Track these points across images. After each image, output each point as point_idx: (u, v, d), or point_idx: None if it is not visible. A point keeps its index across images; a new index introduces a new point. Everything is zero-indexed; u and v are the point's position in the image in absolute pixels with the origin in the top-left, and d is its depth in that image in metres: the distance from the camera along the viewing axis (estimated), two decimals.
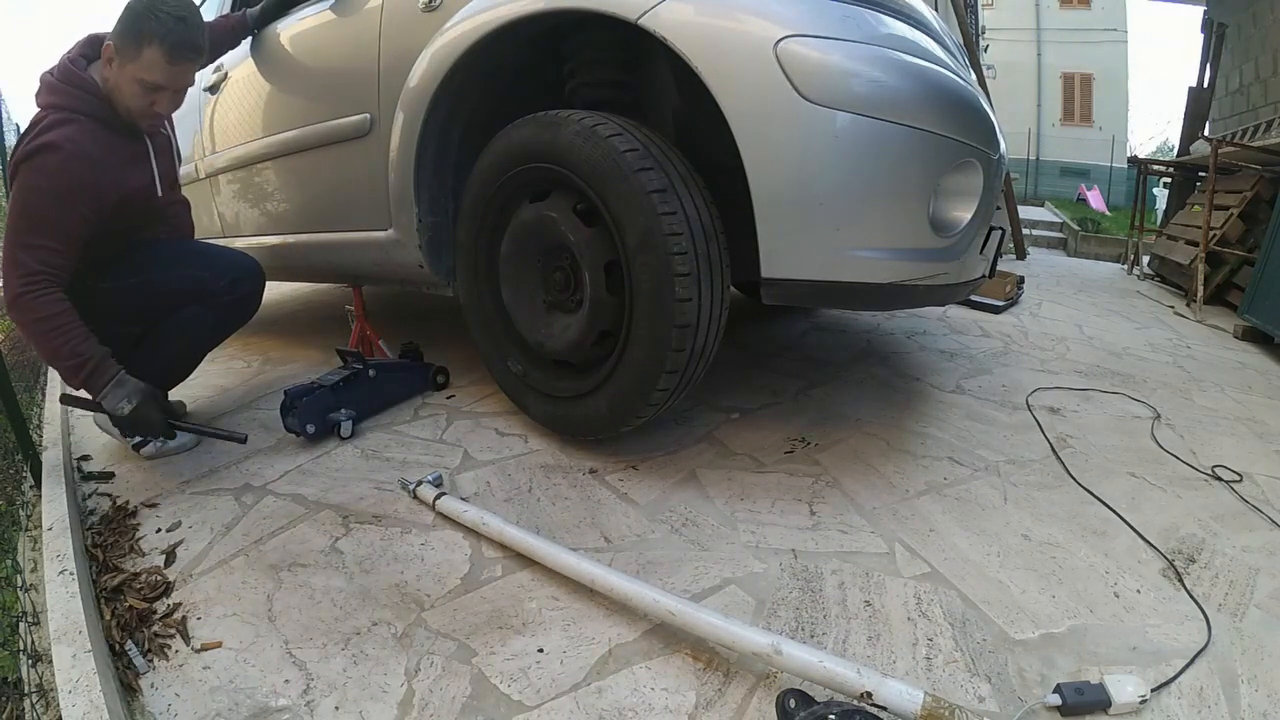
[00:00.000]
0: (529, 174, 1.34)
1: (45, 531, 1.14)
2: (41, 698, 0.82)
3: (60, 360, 1.27)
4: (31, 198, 1.23)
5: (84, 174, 1.26)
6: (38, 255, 1.23)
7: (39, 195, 1.23)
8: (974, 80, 1.39)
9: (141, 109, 1.33)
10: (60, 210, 1.24)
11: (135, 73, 1.28)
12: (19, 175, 1.24)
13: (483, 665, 0.88)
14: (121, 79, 1.29)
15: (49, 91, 1.30)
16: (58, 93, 1.29)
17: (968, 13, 5.33)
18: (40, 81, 1.32)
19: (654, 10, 1.13)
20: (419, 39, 1.44)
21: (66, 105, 1.28)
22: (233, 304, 1.53)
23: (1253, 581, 1.07)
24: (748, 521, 1.19)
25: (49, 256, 1.24)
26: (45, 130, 1.24)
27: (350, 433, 1.53)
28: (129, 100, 1.31)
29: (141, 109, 1.33)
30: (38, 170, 1.23)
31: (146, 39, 1.26)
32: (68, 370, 1.28)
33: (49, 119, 1.26)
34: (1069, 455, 1.48)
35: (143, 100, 1.31)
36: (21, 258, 1.22)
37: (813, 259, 1.14)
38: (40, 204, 1.23)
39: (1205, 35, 5.69)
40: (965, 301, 2.93)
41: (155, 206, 1.46)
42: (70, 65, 1.31)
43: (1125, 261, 5.17)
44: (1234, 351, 2.58)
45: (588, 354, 1.35)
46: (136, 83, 1.29)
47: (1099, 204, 13.02)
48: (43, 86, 1.31)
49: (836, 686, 0.76)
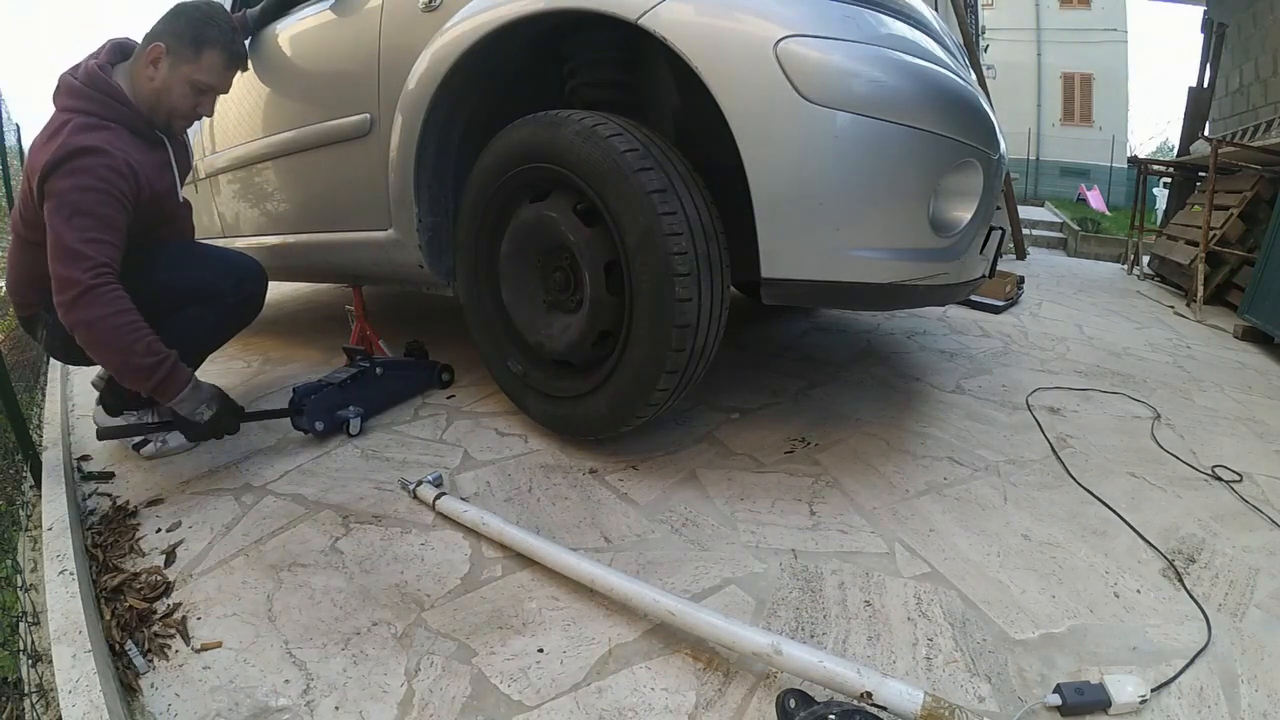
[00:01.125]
0: (529, 174, 1.34)
1: (45, 531, 1.14)
2: (41, 698, 0.82)
3: (134, 358, 1.20)
4: (86, 197, 1.19)
5: (128, 175, 1.26)
6: (102, 250, 1.19)
7: (92, 194, 1.20)
8: (974, 80, 1.39)
9: (186, 109, 1.38)
10: (113, 209, 1.23)
11: (191, 74, 1.34)
12: (59, 177, 1.19)
13: (483, 665, 0.88)
14: (173, 79, 1.33)
15: (73, 95, 1.28)
16: (84, 98, 1.27)
17: (968, 13, 5.33)
18: (60, 83, 1.30)
19: (654, 10, 1.13)
20: (419, 39, 1.44)
21: (95, 111, 1.27)
22: (237, 305, 1.53)
23: (1253, 581, 1.07)
24: (748, 521, 1.19)
25: (110, 252, 1.21)
26: (77, 133, 1.22)
27: (359, 430, 1.53)
28: (177, 100, 1.35)
29: (186, 109, 1.38)
30: (84, 171, 1.20)
31: (209, 43, 1.34)
32: (142, 371, 1.21)
33: (76, 122, 1.24)
34: (1069, 455, 1.48)
35: (190, 100, 1.37)
36: (86, 251, 1.17)
37: (813, 259, 1.13)
38: (95, 201, 1.20)
39: (1205, 35, 5.69)
40: (965, 301, 2.93)
41: (171, 209, 1.47)
42: (98, 71, 1.29)
43: (1125, 261, 5.17)
44: (1234, 351, 2.58)
45: (588, 354, 1.35)
46: (189, 83, 1.34)
47: (1099, 204, 13.02)
48: (64, 89, 1.29)
49: (836, 686, 0.76)
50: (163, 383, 1.23)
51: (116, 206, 1.24)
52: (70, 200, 1.19)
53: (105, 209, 1.22)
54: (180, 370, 1.26)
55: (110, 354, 1.21)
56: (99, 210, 1.21)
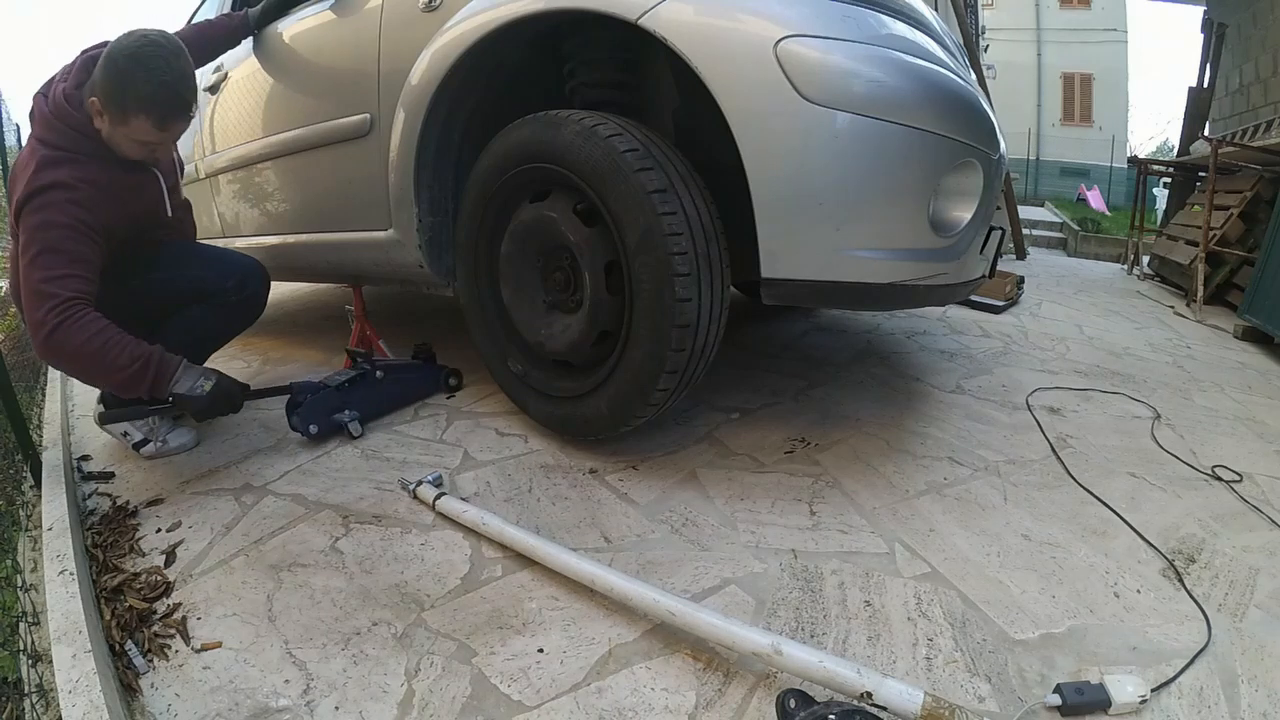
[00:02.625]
0: (529, 174, 1.34)
1: (45, 531, 1.14)
2: (41, 698, 0.82)
3: (119, 371, 1.20)
4: (50, 233, 1.20)
5: (96, 207, 1.24)
6: (67, 285, 1.19)
7: (56, 230, 1.20)
8: (974, 80, 1.39)
9: (143, 158, 1.33)
10: (79, 243, 1.22)
11: (128, 134, 1.26)
12: (27, 214, 1.20)
13: (483, 665, 0.88)
14: (115, 136, 1.26)
15: (43, 125, 1.26)
16: (52, 130, 1.25)
17: (968, 13, 5.33)
18: (34, 106, 1.28)
19: (654, 10, 1.13)
20: (419, 39, 1.44)
21: (62, 145, 1.25)
22: (239, 305, 1.53)
23: (1253, 581, 1.07)
24: (748, 521, 1.19)
25: (78, 284, 1.20)
26: (46, 168, 1.22)
27: (360, 432, 1.53)
28: (127, 152, 1.29)
29: (143, 158, 1.33)
30: (49, 206, 1.20)
31: (132, 109, 1.22)
32: (130, 378, 1.21)
33: (45, 156, 1.23)
34: (1069, 455, 1.48)
35: (141, 152, 1.31)
36: (50, 290, 1.17)
37: (813, 259, 1.14)
38: (59, 238, 1.20)
39: (1205, 35, 5.69)
40: (965, 301, 2.92)
41: (162, 223, 1.46)
42: (64, 102, 1.25)
43: (1125, 261, 5.16)
44: (1234, 351, 2.58)
45: (588, 354, 1.35)
46: (131, 141, 1.27)
47: (1099, 204, 13.01)
48: (36, 117, 1.27)
49: (836, 686, 0.76)
50: (155, 377, 1.24)
51: (82, 239, 1.22)
52: (35, 240, 1.19)
53: (69, 243, 1.21)
54: (168, 358, 1.26)
55: (97, 378, 1.24)
56: (62, 246, 1.20)
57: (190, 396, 1.26)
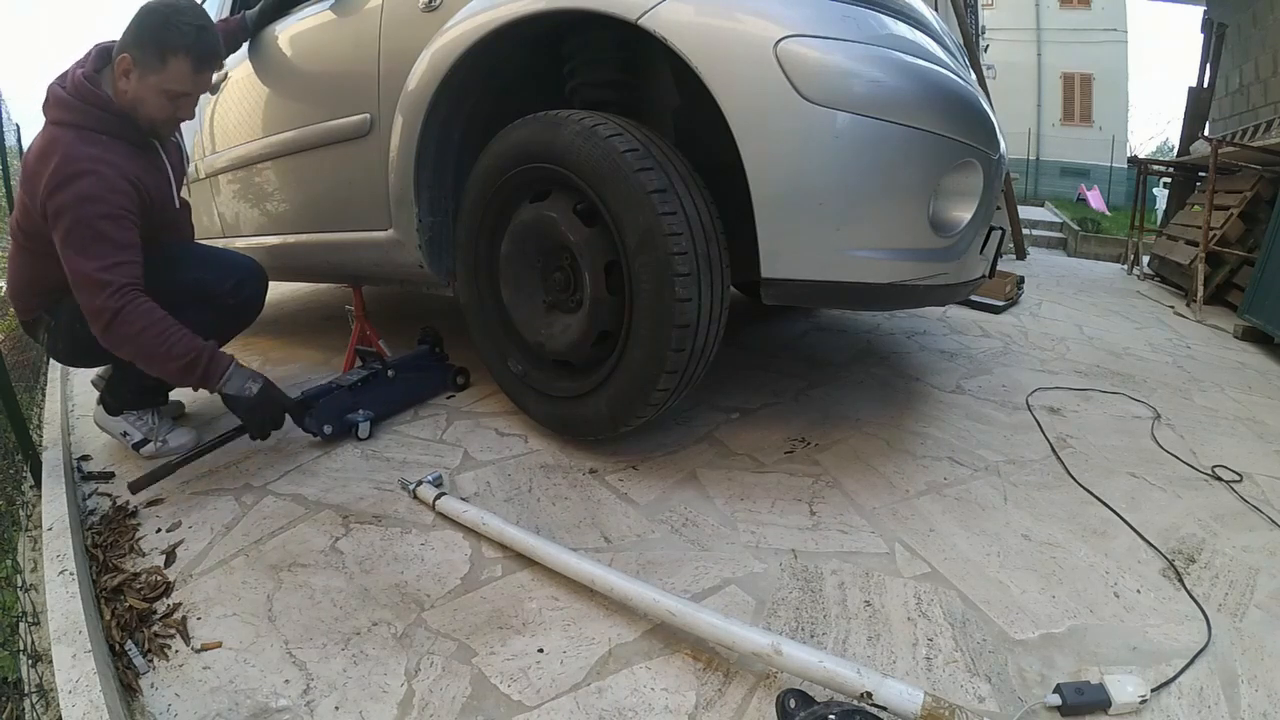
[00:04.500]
0: (529, 174, 1.34)
1: (45, 531, 1.14)
2: (41, 698, 0.82)
3: (174, 360, 1.24)
4: (94, 226, 1.21)
5: (128, 190, 1.26)
6: (121, 271, 1.22)
7: (100, 222, 1.21)
8: (974, 80, 1.39)
9: (166, 116, 1.34)
10: (119, 227, 1.24)
11: (160, 83, 1.28)
12: (61, 202, 1.20)
13: (483, 665, 0.88)
14: (144, 90, 1.28)
15: (62, 107, 1.26)
16: (73, 110, 1.26)
17: (968, 13, 5.33)
18: (49, 93, 1.28)
19: (654, 10, 1.13)
20: (419, 39, 1.44)
21: (85, 124, 1.26)
22: (236, 306, 1.53)
23: (1253, 581, 1.07)
24: (748, 521, 1.19)
25: (130, 269, 1.23)
26: (71, 152, 1.22)
27: (369, 434, 1.53)
28: (153, 110, 1.31)
29: (166, 116, 1.34)
30: (87, 198, 1.21)
31: (171, 51, 1.26)
32: (184, 368, 1.25)
33: (68, 138, 1.23)
34: (1069, 455, 1.48)
35: (168, 109, 1.32)
36: (106, 278, 1.20)
37: (813, 259, 1.14)
38: (100, 226, 1.21)
39: (1205, 35, 5.69)
40: (965, 301, 2.92)
41: (170, 214, 1.46)
42: (85, 81, 1.27)
43: (1125, 261, 5.17)
44: (1234, 351, 2.58)
45: (588, 354, 1.35)
46: (161, 93, 1.29)
47: (1099, 204, 13.01)
48: (52, 100, 1.27)
49: (836, 686, 0.76)
50: (207, 371, 1.27)
51: (125, 224, 1.25)
52: (78, 232, 1.21)
53: (115, 231, 1.23)
54: (220, 355, 1.30)
55: (154, 364, 1.26)
56: (110, 234, 1.22)
57: (238, 396, 1.30)
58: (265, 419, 1.36)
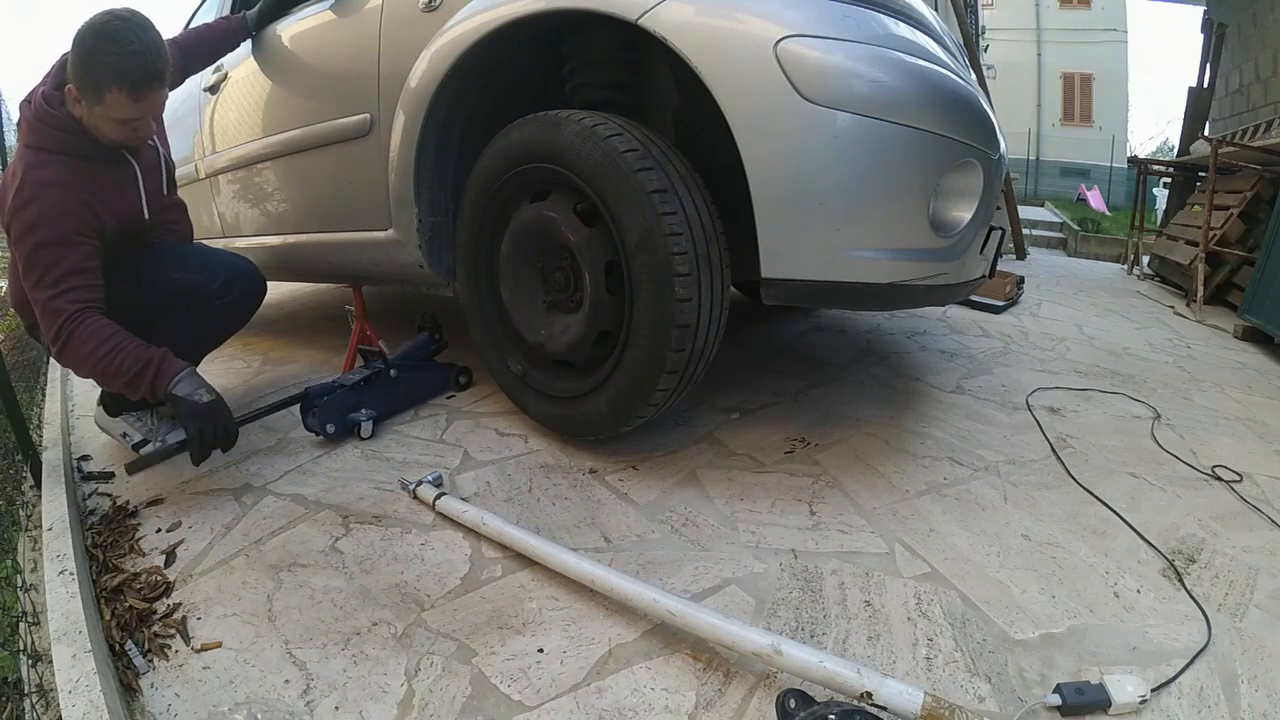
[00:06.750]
0: (529, 174, 1.34)
1: (45, 531, 1.14)
2: (41, 698, 0.82)
3: (124, 373, 1.23)
4: (40, 250, 1.22)
5: (76, 210, 1.25)
6: (71, 297, 1.22)
7: (45, 246, 1.22)
8: (974, 80, 1.39)
9: (124, 138, 1.31)
10: (71, 251, 1.23)
11: (105, 113, 1.24)
12: (18, 233, 1.22)
13: (483, 665, 0.88)
14: (94, 118, 1.25)
15: (28, 131, 1.26)
16: (35, 133, 1.26)
17: (968, 13, 5.33)
18: (19, 113, 1.29)
19: (654, 10, 1.13)
20: (419, 39, 1.44)
21: (44, 146, 1.25)
22: (224, 307, 1.50)
23: (1253, 581, 1.07)
24: (748, 521, 1.19)
25: (82, 292, 1.23)
26: (25, 177, 1.22)
27: (371, 433, 1.53)
28: (109, 134, 1.28)
29: (124, 138, 1.31)
30: (33, 224, 1.21)
31: (105, 84, 1.20)
32: (131, 380, 1.24)
33: (26, 161, 1.24)
34: (1069, 455, 1.48)
35: (122, 131, 1.28)
36: (57, 305, 1.21)
37: (813, 259, 1.13)
38: (50, 253, 1.22)
39: (1205, 35, 5.69)
40: (965, 301, 2.92)
41: (143, 228, 1.43)
42: (44, 103, 1.25)
43: (1125, 261, 5.17)
44: (1234, 351, 2.58)
45: (588, 354, 1.35)
46: (109, 120, 1.25)
47: (1099, 204, 13.01)
48: (22, 122, 1.28)
49: (836, 686, 0.76)
50: (156, 376, 1.25)
51: (77, 248, 1.24)
52: (29, 257, 1.23)
53: (61, 255, 1.23)
54: (172, 362, 1.27)
55: (109, 381, 1.28)
56: (55, 258, 1.22)
57: (187, 399, 1.25)
58: (208, 428, 1.26)
